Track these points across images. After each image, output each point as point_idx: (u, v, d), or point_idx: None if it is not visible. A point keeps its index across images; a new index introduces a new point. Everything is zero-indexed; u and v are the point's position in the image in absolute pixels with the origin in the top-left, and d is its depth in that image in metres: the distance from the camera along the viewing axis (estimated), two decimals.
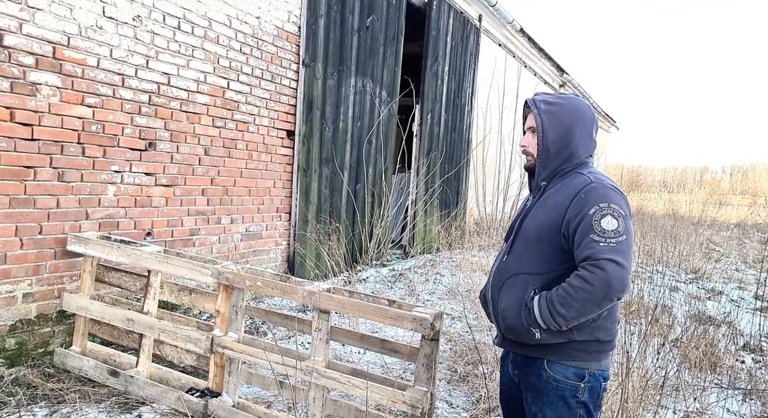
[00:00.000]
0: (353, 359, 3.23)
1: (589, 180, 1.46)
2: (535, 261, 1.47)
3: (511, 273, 1.51)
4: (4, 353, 2.64)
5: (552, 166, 1.52)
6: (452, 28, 7.30)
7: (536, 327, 1.42)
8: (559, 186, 1.51)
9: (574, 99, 1.57)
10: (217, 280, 2.47)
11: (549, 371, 1.46)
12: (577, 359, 1.45)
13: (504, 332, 1.54)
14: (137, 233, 3.33)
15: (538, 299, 1.42)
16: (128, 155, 3.22)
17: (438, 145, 7.30)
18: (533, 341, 1.44)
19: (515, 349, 1.55)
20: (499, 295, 1.52)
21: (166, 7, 3.37)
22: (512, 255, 1.53)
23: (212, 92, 3.78)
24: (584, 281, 1.35)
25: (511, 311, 1.47)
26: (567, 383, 1.44)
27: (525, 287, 1.46)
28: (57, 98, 2.80)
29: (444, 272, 5.76)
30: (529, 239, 1.49)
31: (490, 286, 1.59)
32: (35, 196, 2.75)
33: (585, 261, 1.37)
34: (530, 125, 1.55)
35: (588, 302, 1.35)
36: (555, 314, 1.38)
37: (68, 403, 2.39)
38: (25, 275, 2.73)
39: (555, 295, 1.39)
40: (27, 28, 2.64)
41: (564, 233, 1.43)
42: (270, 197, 4.49)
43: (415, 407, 2.03)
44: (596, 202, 1.40)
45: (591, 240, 1.36)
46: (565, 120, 1.51)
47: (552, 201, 1.49)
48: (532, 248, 1.49)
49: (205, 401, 2.41)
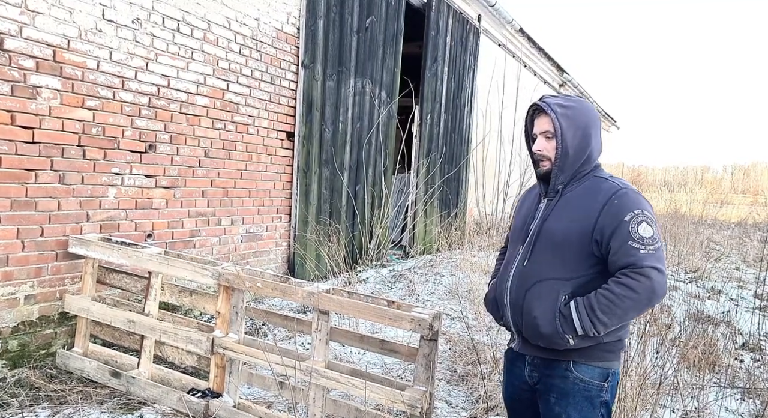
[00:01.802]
0: (353, 360, 3.25)
1: (617, 185, 1.46)
2: (564, 266, 1.45)
3: (536, 279, 1.47)
4: (6, 354, 2.66)
5: (571, 169, 1.50)
6: (451, 28, 7.32)
7: (572, 334, 1.40)
8: (579, 190, 1.49)
9: (584, 101, 1.57)
10: (218, 281, 2.49)
11: (576, 372, 1.45)
12: (602, 360, 1.45)
13: (531, 338, 1.49)
14: (138, 234, 3.35)
15: (576, 307, 1.40)
16: (128, 157, 3.24)
17: (438, 145, 7.31)
18: (565, 346, 1.43)
19: (538, 353, 1.52)
20: (524, 301, 1.48)
21: (165, 10, 3.39)
22: (534, 260, 1.49)
23: (212, 94, 3.80)
24: (628, 289, 1.35)
25: (545, 318, 1.43)
26: (593, 384, 1.45)
27: (555, 293, 1.44)
28: (57, 101, 2.82)
29: (444, 272, 5.78)
30: (556, 243, 1.46)
31: (508, 291, 1.53)
32: (36, 199, 2.77)
33: (627, 268, 1.37)
34: (545, 129, 1.51)
35: (631, 309, 1.37)
36: (596, 321, 1.37)
37: (70, 404, 2.41)
38: (26, 277, 2.75)
39: (596, 302, 1.37)
40: (27, 32, 2.66)
41: (597, 239, 1.41)
42: (270, 198, 4.50)
43: (414, 406, 2.04)
44: (631, 208, 1.40)
45: (630, 247, 1.37)
46: (582, 122, 1.50)
47: (577, 205, 1.47)
48: (559, 253, 1.45)
49: (206, 402, 2.42)
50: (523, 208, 1.66)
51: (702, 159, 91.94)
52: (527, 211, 1.62)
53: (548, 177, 1.54)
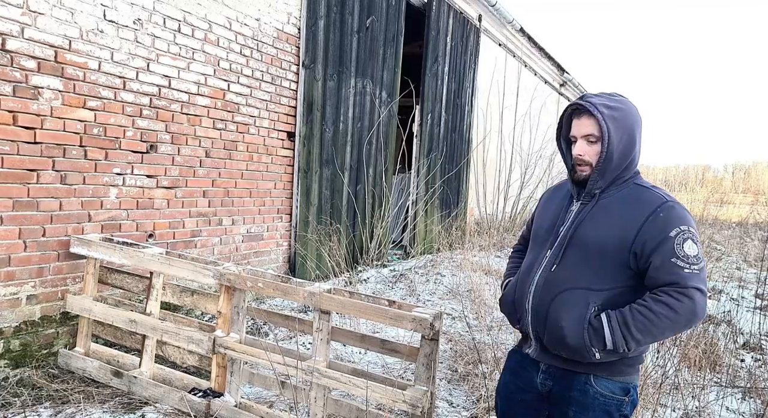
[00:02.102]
0: (354, 359, 3.25)
1: (663, 197, 1.38)
2: (596, 276, 1.37)
3: (566, 286, 1.39)
4: (8, 354, 2.67)
5: (612, 175, 1.41)
6: (452, 28, 7.32)
7: (601, 347, 1.34)
8: (619, 197, 1.41)
9: (628, 100, 1.45)
10: (219, 281, 2.49)
11: (596, 386, 1.40)
12: (624, 374, 1.41)
13: (553, 347, 1.42)
14: (139, 234, 3.35)
15: (608, 321, 1.32)
16: (130, 158, 3.25)
17: (438, 145, 7.32)
18: (589, 359, 1.36)
19: (556, 363, 1.45)
20: (551, 309, 1.40)
21: (167, 10, 3.40)
22: (565, 266, 1.41)
23: (213, 94, 3.81)
24: (669, 309, 1.30)
25: (573, 329, 1.35)
26: (614, 399, 1.40)
27: (585, 303, 1.36)
28: (59, 102, 2.83)
29: (444, 272, 5.78)
30: (590, 251, 1.38)
31: (531, 296, 1.45)
32: (38, 199, 2.78)
33: (669, 287, 1.31)
34: (588, 132, 1.39)
35: (668, 330, 1.32)
36: (629, 338, 1.31)
37: (72, 403, 2.41)
38: (28, 277, 2.76)
39: (630, 318, 1.31)
40: (29, 32, 2.67)
41: (636, 251, 1.34)
42: (271, 199, 4.51)
43: (415, 406, 2.05)
44: (677, 224, 1.33)
45: (674, 265, 1.31)
46: (628, 126, 1.39)
47: (617, 214, 1.38)
48: (593, 261, 1.37)
49: (208, 401, 2.43)
50: (549, 208, 1.56)
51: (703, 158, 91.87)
52: (555, 212, 1.51)
53: (585, 182, 1.44)
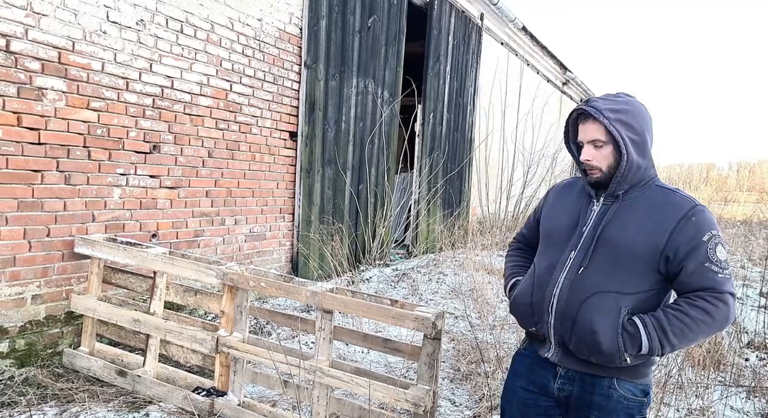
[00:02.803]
0: (356, 359, 3.26)
1: (692, 201, 1.37)
2: (626, 279, 1.35)
3: (596, 290, 1.36)
4: (14, 353, 2.69)
5: (633, 177, 1.39)
6: (454, 27, 7.31)
7: (634, 352, 1.33)
8: (644, 199, 1.39)
9: (635, 100, 1.43)
10: (222, 281, 2.50)
11: (619, 390, 1.39)
12: (643, 376, 1.42)
13: (582, 352, 1.38)
14: (143, 234, 3.37)
15: (644, 325, 1.31)
16: (133, 158, 3.26)
17: (440, 144, 7.31)
18: (619, 364, 1.35)
19: (578, 367, 1.42)
20: (580, 313, 1.36)
21: (169, 11, 3.41)
22: (593, 269, 1.37)
23: (215, 95, 3.82)
24: (706, 314, 1.30)
25: (607, 334, 1.32)
26: (636, 401, 1.41)
27: (617, 307, 1.34)
28: (63, 103, 2.84)
29: (447, 271, 5.78)
30: (619, 253, 1.36)
31: (555, 299, 1.41)
32: (42, 200, 2.80)
33: (705, 292, 1.32)
34: (593, 137, 1.38)
35: (703, 334, 1.33)
36: (666, 343, 1.30)
37: (77, 402, 2.43)
38: (33, 277, 2.78)
39: (667, 323, 1.30)
40: (33, 34, 2.68)
41: (668, 255, 1.33)
42: (273, 198, 4.52)
43: (417, 405, 2.05)
44: (708, 228, 1.34)
45: (709, 270, 1.31)
46: (638, 126, 1.37)
47: (645, 216, 1.36)
48: (623, 264, 1.35)
49: (211, 400, 2.44)
50: (563, 206, 1.51)
51: (707, 156, 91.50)
52: (572, 211, 1.47)
53: (601, 184, 1.42)
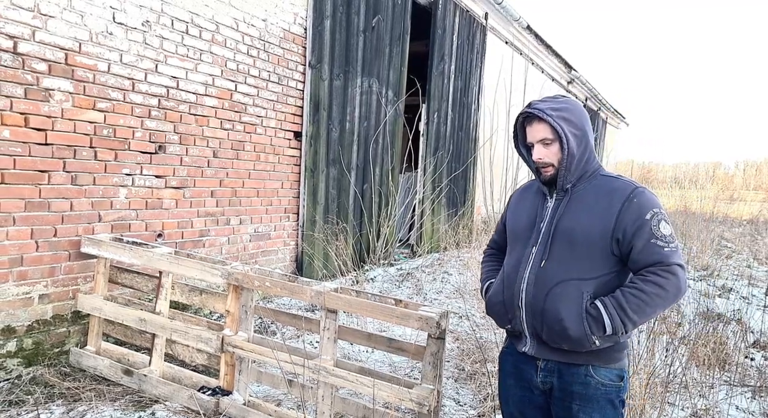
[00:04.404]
0: (361, 358, 3.27)
1: (632, 184, 1.47)
2: (585, 265, 1.43)
3: (558, 280, 1.44)
4: (21, 352, 2.72)
5: (579, 170, 1.49)
6: (458, 26, 7.30)
7: (600, 334, 1.39)
8: (591, 188, 1.48)
9: (572, 99, 1.55)
10: (227, 280, 2.52)
11: (596, 376, 1.45)
12: (617, 361, 1.47)
13: (553, 341, 1.45)
14: (148, 234, 3.39)
15: (605, 307, 1.38)
16: (139, 158, 3.28)
17: (445, 144, 7.31)
18: (589, 348, 1.41)
19: (555, 357, 1.48)
20: (547, 303, 1.44)
21: (175, 12, 3.43)
22: (554, 260, 1.46)
23: (220, 95, 3.84)
24: (658, 287, 1.37)
25: (572, 320, 1.40)
26: (613, 386, 1.46)
27: (579, 293, 1.42)
28: (69, 103, 2.86)
29: (451, 270, 5.78)
30: (575, 242, 1.44)
31: (523, 294, 1.49)
32: (49, 200, 2.82)
33: (654, 266, 1.38)
34: (542, 136, 1.48)
35: (660, 307, 1.39)
36: (627, 320, 1.37)
37: (84, 401, 2.45)
38: (40, 277, 2.80)
39: (625, 301, 1.37)
40: (40, 35, 2.70)
41: (618, 238, 1.41)
42: (278, 198, 4.53)
43: (422, 404, 2.05)
44: (650, 207, 1.41)
45: (654, 245, 1.38)
46: (579, 121, 1.49)
47: (593, 204, 1.45)
48: (580, 252, 1.43)
49: (217, 400, 2.46)
50: (522, 208, 1.61)
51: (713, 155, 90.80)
52: (530, 210, 1.57)
53: (553, 181, 1.52)
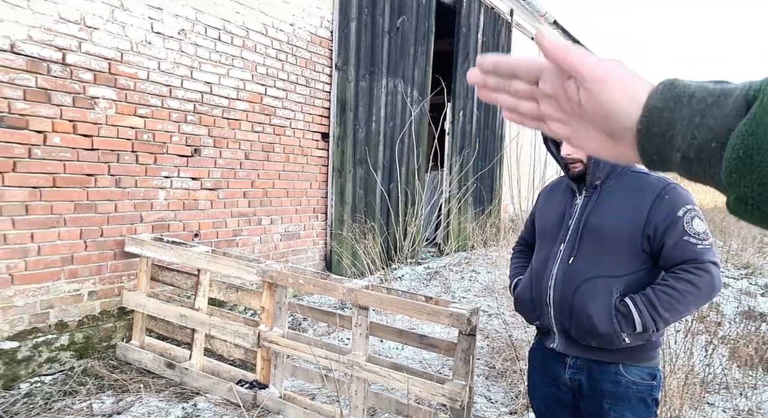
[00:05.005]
0: (391, 355, 3.32)
1: (665, 181, 1.44)
2: (615, 263, 1.42)
3: (587, 276, 1.43)
4: (73, 346, 2.88)
5: (608, 165, 1.47)
6: (483, 24, 7.26)
7: (630, 331, 1.37)
8: (621, 185, 1.47)
9: None
10: (262, 278, 2.60)
11: (627, 375, 1.43)
12: (649, 359, 1.45)
13: (582, 338, 1.44)
14: (186, 234, 3.53)
15: (635, 304, 1.37)
16: (176, 161, 3.42)
17: (470, 142, 7.28)
18: (619, 345, 1.40)
19: (584, 354, 1.47)
20: (575, 300, 1.44)
21: (208, 20, 3.55)
22: (582, 257, 1.45)
23: (251, 99, 3.95)
24: (691, 284, 1.35)
25: (601, 317, 1.39)
26: (645, 385, 1.44)
27: (609, 290, 1.40)
28: (113, 110, 3.02)
29: (479, 269, 5.77)
30: (604, 239, 1.43)
31: (551, 290, 1.49)
32: (96, 202, 2.98)
33: (687, 264, 1.36)
34: None
35: (692, 305, 1.37)
36: (658, 318, 1.35)
37: (132, 392, 2.59)
38: (89, 275, 2.96)
39: (656, 299, 1.36)
40: (86, 47, 2.86)
41: (649, 234, 1.39)
42: (307, 198, 4.63)
43: (454, 400, 2.09)
44: (683, 203, 1.39)
45: (687, 242, 1.36)
46: None
47: (623, 201, 1.44)
48: (609, 249, 1.42)
49: (254, 393, 2.55)
50: (551, 205, 1.61)
51: None
52: (558, 207, 1.57)
53: (582, 177, 1.50)
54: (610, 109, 0.42)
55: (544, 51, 0.45)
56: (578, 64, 0.43)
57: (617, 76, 0.42)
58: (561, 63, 0.44)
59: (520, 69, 0.48)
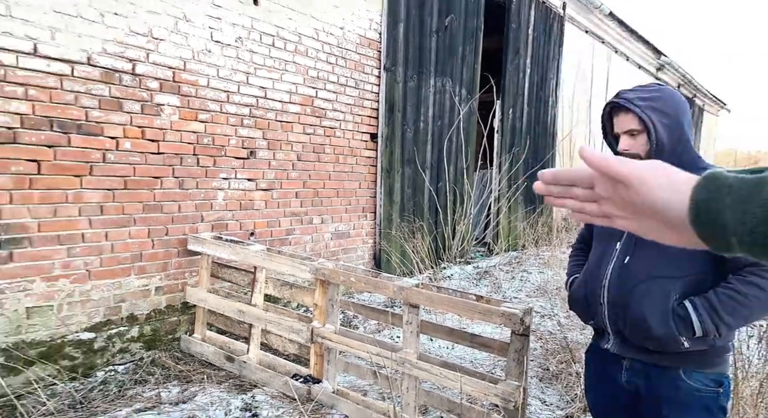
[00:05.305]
0: (441, 354, 3.31)
1: None
2: (672, 263, 1.36)
3: (642, 277, 1.38)
4: (142, 338, 3.09)
5: (669, 162, 1.43)
6: (534, 19, 7.08)
7: (688, 336, 1.32)
8: None
9: (666, 88, 1.46)
10: (315, 275, 2.68)
11: (689, 381, 1.37)
12: (715, 366, 1.38)
13: (636, 340, 1.41)
14: (242, 233, 3.69)
15: (694, 307, 1.32)
16: (233, 163, 3.59)
17: (521, 140, 7.12)
18: (677, 349, 1.34)
19: (640, 356, 1.43)
20: (631, 301, 1.40)
21: (263, 27, 3.70)
22: (638, 257, 1.41)
23: (302, 102, 4.07)
24: (758, 288, 1.28)
25: (657, 319, 1.34)
26: (709, 392, 1.37)
27: (666, 292, 1.35)
28: (176, 116, 3.20)
29: (531, 269, 5.63)
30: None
31: (606, 290, 1.45)
32: (162, 203, 3.17)
33: (754, 266, 1.30)
34: (628, 127, 1.43)
35: (759, 310, 1.30)
36: (720, 323, 1.29)
37: (195, 383, 2.74)
38: (156, 271, 3.17)
39: (718, 302, 1.30)
40: (153, 57, 3.06)
41: None
42: (356, 198, 4.70)
43: (507, 400, 2.06)
44: None
45: None
46: (671, 111, 1.41)
47: None
48: (669, 250, 1.34)
49: (309, 387, 2.62)
50: None
51: None
52: None
53: None
54: (659, 206, 0.47)
55: (587, 163, 0.50)
56: (619, 171, 0.48)
57: (657, 175, 0.48)
58: (605, 172, 0.49)
59: (577, 178, 0.53)
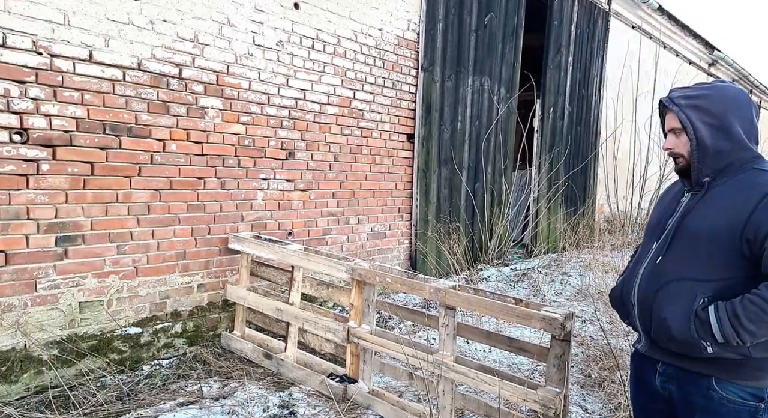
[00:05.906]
0: (478, 357, 3.25)
1: None
2: (705, 266, 1.33)
3: (671, 278, 1.37)
4: (185, 333, 3.20)
5: (714, 162, 1.37)
6: (577, 15, 6.87)
7: (710, 341, 1.29)
8: (732, 183, 1.36)
9: (722, 86, 1.43)
10: (351, 276, 2.69)
11: (721, 391, 1.33)
12: (753, 379, 1.31)
13: (660, 340, 1.39)
14: (280, 232, 3.76)
15: (715, 311, 1.28)
16: (273, 164, 3.66)
17: (561, 139, 6.92)
18: (701, 354, 1.31)
19: (670, 359, 1.41)
20: (655, 301, 1.38)
21: (303, 30, 3.76)
22: (671, 257, 1.39)
23: (340, 103, 4.11)
24: None
25: (676, 320, 1.32)
26: (745, 405, 1.31)
27: (692, 295, 1.32)
28: (219, 119, 3.31)
29: (571, 272, 5.46)
30: (699, 240, 1.34)
31: (637, 289, 1.45)
32: (205, 203, 3.28)
33: None
34: (672, 126, 1.43)
35: None
36: (741, 330, 1.25)
37: (235, 379, 2.81)
38: (198, 269, 3.28)
39: (741, 308, 1.25)
40: (198, 62, 3.17)
41: (748, 238, 1.27)
42: (392, 198, 4.71)
43: (547, 407, 2.00)
44: None
45: None
46: (716, 110, 1.37)
47: (727, 200, 1.34)
48: (702, 251, 1.34)
49: (345, 386, 2.64)
50: (663, 203, 1.56)
51: None
52: (666, 206, 1.51)
53: (687, 172, 1.43)
54: None
55: None
56: None
57: None
58: None
59: None
